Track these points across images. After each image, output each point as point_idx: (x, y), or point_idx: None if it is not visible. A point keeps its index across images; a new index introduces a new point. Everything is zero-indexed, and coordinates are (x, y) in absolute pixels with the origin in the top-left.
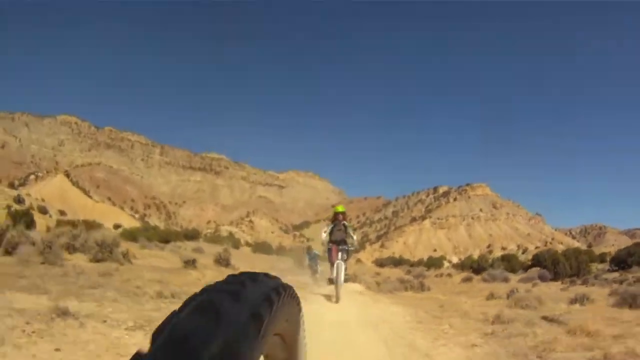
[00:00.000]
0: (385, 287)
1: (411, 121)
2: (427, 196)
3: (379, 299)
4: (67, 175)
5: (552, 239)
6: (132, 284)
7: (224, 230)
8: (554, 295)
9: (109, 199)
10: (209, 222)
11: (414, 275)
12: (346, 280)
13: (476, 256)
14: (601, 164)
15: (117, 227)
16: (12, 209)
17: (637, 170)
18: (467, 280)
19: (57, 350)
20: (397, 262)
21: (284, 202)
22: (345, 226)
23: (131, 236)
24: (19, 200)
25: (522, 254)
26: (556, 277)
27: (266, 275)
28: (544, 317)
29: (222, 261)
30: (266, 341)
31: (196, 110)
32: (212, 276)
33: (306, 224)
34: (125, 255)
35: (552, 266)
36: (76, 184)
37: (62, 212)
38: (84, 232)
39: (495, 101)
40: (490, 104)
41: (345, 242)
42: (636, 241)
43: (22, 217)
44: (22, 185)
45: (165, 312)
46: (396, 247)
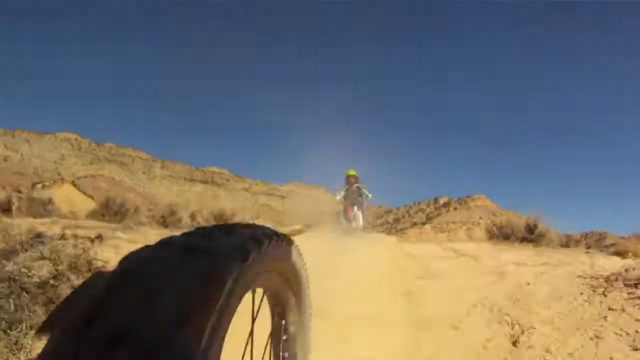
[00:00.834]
0: None
1: (411, 133)
2: (428, 206)
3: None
4: (74, 184)
5: None
6: None
7: None
8: None
9: None
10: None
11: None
12: (364, 228)
13: None
14: (602, 170)
15: None
16: None
17: (637, 175)
18: None
19: None
20: None
21: (286, 210)
22: (359, 188)
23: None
24: None
25: None
26: None
27: (248, 225)
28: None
29: None
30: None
31: (196, 125)
32: None
33: (308, 227)
34: None
35: None
36: (83, 192)
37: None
38: None
39: (492, 109)
40: (488, 112)
41: (360, 204)
42: None
43: None
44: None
45: None
46: None
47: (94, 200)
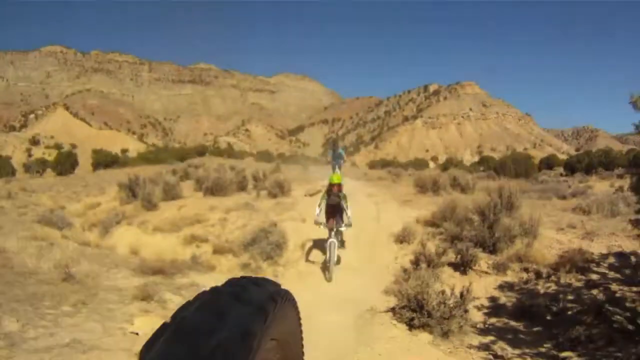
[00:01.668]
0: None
1: (402, 20)
2: (418, 95)
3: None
4: (67, 108)
5: (542, 141)
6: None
7: (222, 141)
8: None
9: (106, 123)
10: (205, 134)
11: (392, 174)
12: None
13: (467, 156)
14: (597, 66)
15: (124, 151)
16: (32, 151)
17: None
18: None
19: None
20: (386, 164)
21: (277, 107)
22: (339, 197)
23: (156, 159)
24: (35, 141)
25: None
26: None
27: (265, 279)
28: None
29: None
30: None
31: (180, 21)
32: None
33: (301, 129)
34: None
35: (501, 169)
36: (75, 115)
37: (74, 145)
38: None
39: None
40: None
41: (341, 211)
42: (630, 147)
43: (67, 159)
44: (24, 126)
45: None
46: (390, 148)
47: (89, 124)
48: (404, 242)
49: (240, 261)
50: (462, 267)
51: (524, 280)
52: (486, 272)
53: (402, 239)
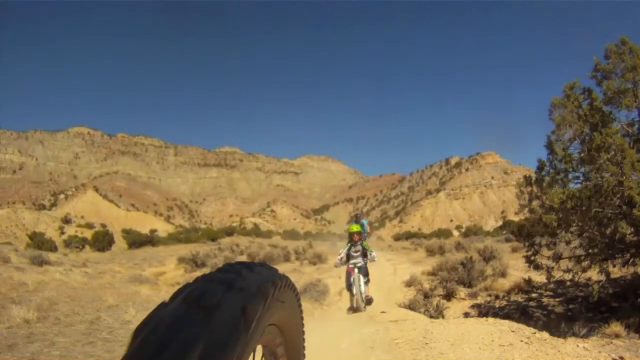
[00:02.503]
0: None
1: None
2: (440, 168)
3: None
4: (96, 189)
5: None
6: None
7: (249, 222)
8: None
9: (133, 205)
10: (231, 215)
11: (414, 244)
12: (369, 301)
13: (491, 222)
14: None
15: (153, 231)
16: (64, 229)
17: None
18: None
19: None
20: (410, 236)
21: (301, 189)
22: (362, 247)
23: (186, 239)
24: (67, 220)
25: None
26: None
27: (262, 264)
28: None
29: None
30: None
31: (204, 107)
32: None
33: (325, 208)
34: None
35: (518, 231)
36: (104, 197)
37: (103, 225)
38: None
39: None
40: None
41: (364, 265)
42: None
43: (104, 237)
44: (54, 205)
45: None
46: (414, 221)
47: (117, 206)
48: (411, 286)
49: None
50: (448, 296)
51: (487, 301)
52: (463, 298)
53: (409, 284)
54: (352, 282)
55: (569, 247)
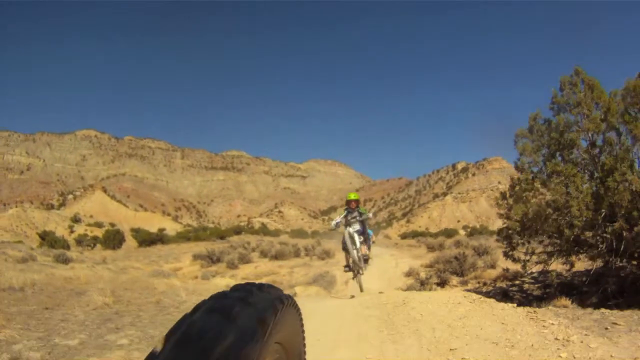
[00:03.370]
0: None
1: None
2: (447, 173)
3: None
4: (104, 190)
5: None
6: None
7: (256, 222)
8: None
9: (141, 205)
10: (238, 216)
11: (420, 242)
12: (366, 260)
13: (498, 223)
14: None
15: (161, 230)
16: (74, 228)
17: None
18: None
19: None
20: (417, 235)
21: (308, 191)
22: (360, 213)
23: (195, 237)
24: (76, 219)
25: None
26: None
27: (270, 285)
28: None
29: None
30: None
31: (211, 110)
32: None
33: (333, 209)
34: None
35: (498, 233)
36: (112, 198)
37: (112, 225)
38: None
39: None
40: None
41: (363, 230)
42: None
43: (115, 236)
44: (63, 205)
45: None
46: (421, 221)
47: (126, 206)
48: (410, 276)
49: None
50: (441, 284)
51: (476, 287)
52: (455, 285)
53: (409, 274)
54: (346, 241)
55: (542, 245)
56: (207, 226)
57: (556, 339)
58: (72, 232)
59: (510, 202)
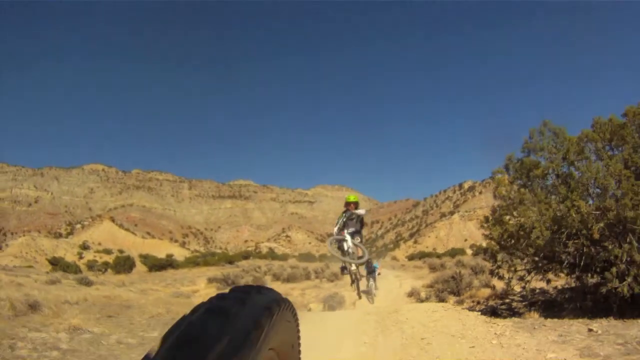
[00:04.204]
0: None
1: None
2: (454, 192)
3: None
4: (112, 220)
5: None
6: None
7: (264, 247)
8: None
9: (149, 233)
10: (245, 241)
11: (426, 263)
12: (361, 260)
13: None
14: None
15: (169, 256)
16: (83, 254)
17: None
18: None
19: None
20: (424, 256)
21: (316, 216)
22: (358, 215)
23: (204, 262)
24: (85, 246)
25: None
26: None
27: (267, 288)
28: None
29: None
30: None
31: (217, 141)
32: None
33: None
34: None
35: (484, 252)
36: (120, 226)
37: (121, 251)
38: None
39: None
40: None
41: (359, 233)
42: None
43: (126, 261)
44: (71, 233)
45: None
46: (429, 242)
47: (134, 234)
48: (412, 296)
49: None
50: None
51: (470, 306)
52: (452, 305)
53: (411, 294)
54: (344, 242)
55: (522, 263)
56: (214, 252)
57: (495, 334)
58: (81, 258)
59: (491, 224)
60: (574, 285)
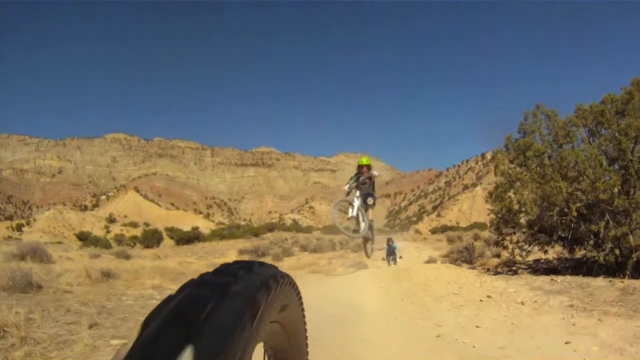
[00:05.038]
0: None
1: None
2: (476, 163)
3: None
4: (137, 190)
5: None
6: None
7: (287, 218)
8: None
9: (173, 204)
10: (269, 212)
11: (446, 237)
12: (370, 226)
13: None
14: None
15: (195, 229)
16: (110, 228)
17: None
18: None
19: None
20: (447, 229)
21: (339, 185)
22: (370, 178)
23: (230, 235)
24: (112, 219)
25: None
26: None
27: (263, 264)
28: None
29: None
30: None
31: (239, 107)
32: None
33: None
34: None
35: (490, 225)
36: (145, 197)
37: (147, 224)
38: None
39: None
40: None
41: (372, 195)
42: None
43: (154, 235)
44: (96, 205)
45: None
46: (452, 215)
47: (159, 205)
48: (428, 263)
49: None
50: None
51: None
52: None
53: (428, 262)
54: (354, 206)
55: (523, 235)
56: (239, 224)
57: (480, 281)
58: (108, 232)
59: (493, 199)
60: (567, 256)
